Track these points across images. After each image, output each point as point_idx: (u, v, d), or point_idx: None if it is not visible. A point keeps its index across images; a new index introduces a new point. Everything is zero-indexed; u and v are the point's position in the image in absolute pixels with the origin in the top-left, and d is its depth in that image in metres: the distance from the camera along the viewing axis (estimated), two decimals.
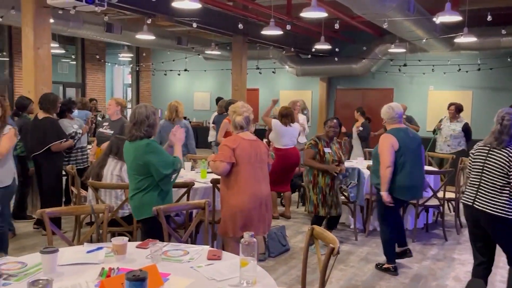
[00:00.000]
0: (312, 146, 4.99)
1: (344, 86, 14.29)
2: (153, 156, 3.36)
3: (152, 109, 3.48)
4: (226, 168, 3.75)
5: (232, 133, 4.03)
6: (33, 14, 6.31)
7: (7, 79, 12.53)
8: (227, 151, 3.76)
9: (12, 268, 2.28)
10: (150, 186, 3.43)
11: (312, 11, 6.40)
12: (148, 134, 3.42)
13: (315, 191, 4.95)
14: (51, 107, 5.37)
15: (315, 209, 4.97)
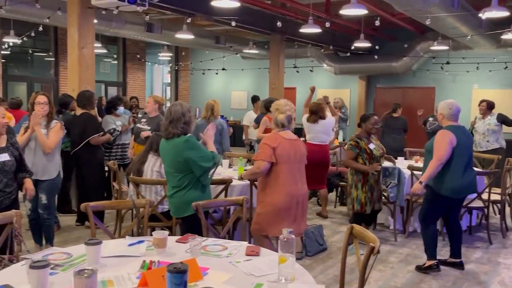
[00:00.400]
0: (352, 147, 4.92)
1: (383, 84, 14.04)
2: (193, 151, 3.41)
3: (187, 106, 3.54)
4: (267, 167, 3.73)
5: (271, 130, 4.03)
6: (78, 15, 6.52)
7: (53, 78, 13.01)
8: (268, 150, 3.73)
9: (59, 259, 2.36)
10: (191, 183, 3.47)
11: (352, 8, 6.32)
12: (184, 131, 3.46)
13: (364, 190, 4.92)
14: (87, 103, 5.53)
15: (362, 207, 4.93)
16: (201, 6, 8.13)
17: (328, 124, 6.34)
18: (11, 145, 3.39)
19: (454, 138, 4.20)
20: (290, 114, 3.86)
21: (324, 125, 6.27)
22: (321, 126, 6.24)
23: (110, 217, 5.80)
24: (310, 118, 6.24)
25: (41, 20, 8.59)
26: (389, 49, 12.55)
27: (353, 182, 5.00)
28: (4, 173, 3.26)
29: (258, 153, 3.81)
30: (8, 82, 12.22)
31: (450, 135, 4.21)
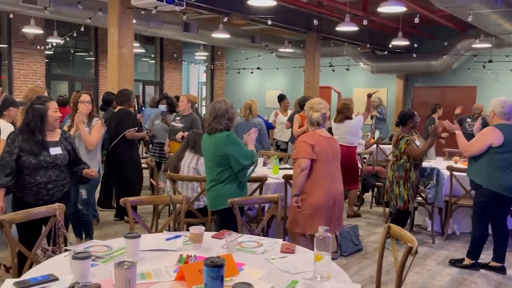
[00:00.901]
0: (411, 141, 4.88)
1: (422, 83, 13.72)
2: (233, 147, 3.49)
3: (230, 103, 3.64)
4: (308, 164, 3.70)
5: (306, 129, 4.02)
6: (118, 15, 6.69)
7: (93, 77, 13.39)
8: (307, 148, 3.71)
9: (99, 251, 2.43)
10: (229, 177, 3.55)
11: (390, 6, 6.22)
12: (227, 127, 3.56)
13: (406, 186, 4.89)
14: (125, 101, 5.69)
15: (404, 204, 4.89)
16: (237, 5, 8.18)
17: (354, 125, 6.16)
18: (65, 139, 3.47)
19: (500, 137, 4.09)
20: (325, 112, 3.85)
21: (350, 126, 6.13)
22: (346, 126, 6.13)
23: (147, 213, 5.92)
24: (336, 117, 6.21)
25: (83, 21, 8.86)
26: (428, 47, 12.25)
27: (394, 179, 4.95)
28: (56, 167, 3.34)
29: (297, 151, 3.77)
30: (51, 81, 12.65)
31: (494, 135, 4.12)
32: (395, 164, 4.99)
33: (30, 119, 3.28)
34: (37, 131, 3.27)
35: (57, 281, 2.01)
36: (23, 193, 3.31)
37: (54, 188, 3.35)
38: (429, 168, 5.53)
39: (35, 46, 11.65)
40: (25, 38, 11.45)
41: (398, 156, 4.97)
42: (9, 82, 11.44)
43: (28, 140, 3.27)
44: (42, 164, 3.26)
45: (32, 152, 3.25)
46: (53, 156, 3.32)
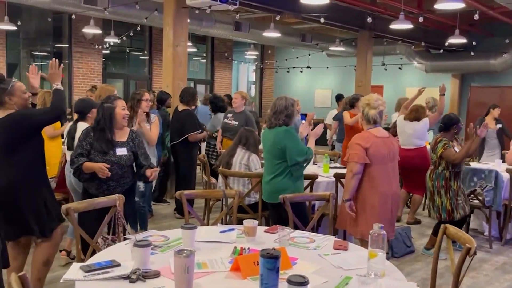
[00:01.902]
0: (449, 145, 4.55)
1: (479, 83, 13.18)
2: (290, 141, 3.61)
3: (291, 101, 3.74)
4: (360, 169, 3.56)
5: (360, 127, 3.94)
6: (173, 15, 6.88)
7: (147, 76, 13.81)
8: (361, 151, 3.55)
9: (157, 240, 2.53)
10: (285, 170, 3.66)
11: (448, 2, 6.03)
12: (285, 123, 3.70)
13: (448, 196, 4.53)
14: (191, 100, 5.83)
15: (449, 215, 4.54)
16: (289, 4, 8.19)
17: (421, 128, 5.94)
18: (132, 140, 3.54)
19: None
20: (382, 109, 3.67)
21: (416, 129, 5.92)
22: (413, 129, 5.91)
23: (198, 209, 6.05)
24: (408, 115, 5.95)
25: (139, 21, 9.16)
26: (487, 45, 11.76)
27: (435, 188, 4.59)
28: (120, 166, 3.43)
29: (350, 155, 3.60)
30: (107, 79, 13.16)
31: None
32: (434, 173, 4.62)
33: (100, 118, 3.42)
34: (107, 129, 3.40)
35: (119, 267, 2.10)
36: (88, 185, 3.49)
37: (115, 185, 3.46)
38: (487, 170, 5.32)
39: (93, 45, 12.16)
40: (84, 38, 11.97)
41: (436, 163, 4.61)
42: (68, 80, 12.01)
43: (99, 139, 3.40)
44: (107, 163, 3.34)
45: (102, 151, 3.38)
46: (118, 157, 3.41)
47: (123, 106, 3.51)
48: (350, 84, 12.64)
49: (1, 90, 3.09)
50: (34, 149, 3.18)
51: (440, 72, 13.00)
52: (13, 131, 3.06)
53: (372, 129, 3.67)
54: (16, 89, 3.13)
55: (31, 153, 3.15)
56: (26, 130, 3.10)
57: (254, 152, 4.64)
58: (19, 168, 3.09)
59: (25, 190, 3.10)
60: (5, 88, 3.09)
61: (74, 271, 2.07)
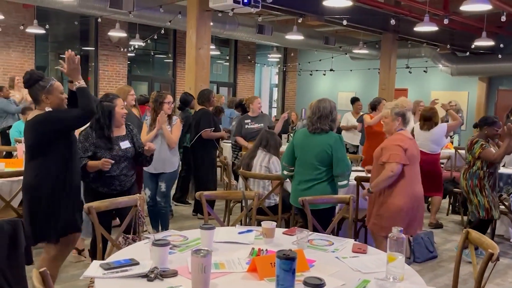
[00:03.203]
0: (486, 145, 4.59)
1: (508, 86, 12.87)
2: (340, 151, 3.64)
3: (334, 104, 3.74)
4: (400, 170, 3.56)
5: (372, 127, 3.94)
6: (197, 18, 6.95)
7: (170, 78, 13.97)
8: (402, 152, 3.55)
9: (176, 240, 2.55)
10: (329, 178, 3.68)
11: (474, 4, 5.91)
12: (330, 128, 3.69)
13: (485, 193, 4.59)
14: (205, 100, 5.92)
15: (487, 213, 4.58)
16: (312, 6, 8.17)
17: (438, 132, 5.81)
18: (129, 132, 3.70)
19: None
20: (409, 114, 3.76)
21: (434, 133, 5.79)
22: (430, 134, 5.79)
23: (218, 210, 6.09)
24: (424, 124, 5.83)
25: (163, 24, 9.28)
26: None
27: (469, 188, 4.67)
28: (127, 160, 3.59)
29: (391, 155, 3.55)
30: (132, 82, 13.37)
31: None
32: (467, 173, 4.69)
33: (100, 116, 3.50)
34: (105, 127, 3.51)
35: (137, 265, 2.13)
36: (98, 184, 3.56)
37: (125, 179, 3.60)
38: None
39: (119, 48, 12.37)
40: (110, 41, 12.20)
41: (471, 163, 4.66)
42: (94, 83, 12.25)
43: (100, 137, 3.51)
44: (115, 158, 3.50)
45: (107, 147, 3.49)
46: (124, 150, 3.57)
47: (122, 105, 3.62)
48: (374, 87, 12.50)
49: (40, 88, 3.03)
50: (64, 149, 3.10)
51: (466, 75, 12.75)
52: (43, 132, 3.03)
53: (403, 131, 3.70)
54: (55, 89, 3.08)
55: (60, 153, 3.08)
56: (56, 132, 3.05)
57: (275, 154, 4.64)
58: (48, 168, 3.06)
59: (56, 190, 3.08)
60: (44, 86, 3.05)
61: (94, 268, 2.11)
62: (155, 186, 4.82)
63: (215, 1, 6.14)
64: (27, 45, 11.08)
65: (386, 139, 3.72)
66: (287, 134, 9.06)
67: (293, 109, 15.80)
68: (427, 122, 5.82)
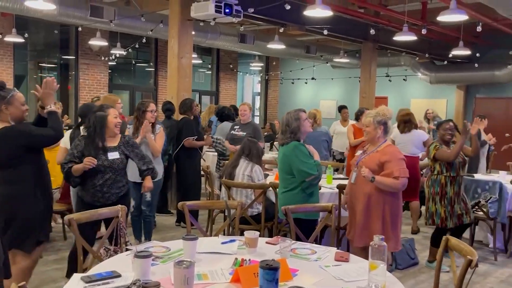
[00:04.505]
0: (440, 146, 4.57)
1: (484, 94, 13.16)
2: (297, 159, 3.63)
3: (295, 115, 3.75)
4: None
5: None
6: (178, 27, 6.95)
7: (152, 87, 13.91)
8: (405, 165, 3.59)
9: (159, 251, 2.54)
10: (298, 187, 3.68)
11: (451, 14, 6.04)
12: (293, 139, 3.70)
13: (443, 203, 4.54)
14: (187, 109, 5.93)
15: (442, 222, 4.55)
16: (293, 16, 8.24)
17: (419, 135, 6.00)
18: (123, 144, 3.64)
19: None
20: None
21: (414, 135, 5.97)
22: (412, 136, 5.96)
23: (201, 220, 6.06)
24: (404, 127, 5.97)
25: (144, 33, 9.26)
26: (491, 57, 11.76)
27: (430, 195, 4.62)
28: (113, 170, 3.54)
29: (401, 170, 3.51)
30: (113, 91, 13.26)
31: None
32: (430, 179, 4.65)
33: (91, 125, 3.50)
34: (96, 137, 3.48)
35: (119, 278, 2.11)
36: (83, 193, 3.56)
37: (109, 192, 3.54)
38: (491, 181, 5.29)
39: (99, 57, 12.28)
40: (90, 50, 12.10)
41: (431, 167, 4.65)
42: (75, 91, 12.12)
43: (89, 145, 3.48)
44: (100, 168, 3.46)
45: (92, 155, 3.44)
46: (110, 161, 3.51)
47: (115, 114, 3.61)
48: (355, 95, 12.64)
49: (0, 98, 3.01)
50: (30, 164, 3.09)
51: (444, 83, 12.99)
52: (6, 146, 3.00)
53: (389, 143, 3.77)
54: (16, 100, 3.05)
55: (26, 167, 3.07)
56: (20, 147, 3.02)
57: (257, 163, 4.65)
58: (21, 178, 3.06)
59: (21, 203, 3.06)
60: (4, 96, 3.01)
61: (75, 282, 2.09)
62: (140, 196, 4.79)
63: (197, 10, 6.15)
64: (5, 53, 10.92)
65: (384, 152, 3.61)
66: (269, 143, 9.10)
67: (276, 118, 15.87)
68: (407, 124, 5.97)
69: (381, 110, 3.73)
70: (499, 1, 6.15)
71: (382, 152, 3.60)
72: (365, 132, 3.76)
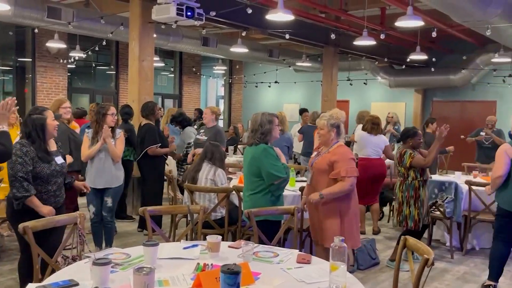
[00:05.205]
0: (414, 153, 4.73)
1: (441, 98, 13.62)
2: (266, 161, 3.60)
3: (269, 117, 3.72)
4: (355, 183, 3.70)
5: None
6: (139, 29, 6.85)
7: (113, 90, 13.64)
8: (355, 165, 3.71)
9: (118, 258, 2.48)
10: (265, 189, 3.65)
11: (408, 20, 6.22)
12: (262, 140, 3.68)
13: (417, 206, 4.69)
14: (150, 113, 5.81)
15: (415, 224, 4.69)
16: (255, 20, 8.28)
17: (383, 140, 6.27)
18: (60, 148, 3.57)
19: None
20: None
21: (381, 139, 6.24)
22: (378, 138, 6.19)
23: (164, 225, 5.98)
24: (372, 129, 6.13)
25: (104, 35, 9.07)
26: (446, 61, 12.19)
27: (405, 199, 4.74)
28: (62, 175, 3.44)
29: (349, 170, 3.61)
30: (73, 94, 12.93)
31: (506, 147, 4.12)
32: (403, 185, 4.78)
33: (31, 130, 3.27)
34: (39, 141, 3.27)
35: (77, 286, 2.06)
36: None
37: (60, 195, 3.45)
38: (447, 182, 5.48)
39: (58, 60, 11.93)
40: (48, 52, 11.74)
41: (404, 174, 4.78)
42: (32, 95, 11.72)
43: (38, 150, 3.27)
44: (54, 173, 3.32)
45: (46, 161, 3.29)
46: (60, 165, 3.40)
47: (52, 117, 3.43)
48: (317, 98, 12.81)
49: None
50: None
51: (403, 87, 13.37)
52: None
53: (342, 143, 3.83)
54: None
55: None
56: None
57: (220, 167, 4.63)
58: None
59: None
60: None
61: None
62: (100, 202, 4.69)
63: (158, 13, 6.07)
64: None
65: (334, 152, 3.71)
66: (233, 146, 9.09)
67: (240, 121, 15.88)
68: (375, 126, 6.14)
69: (335, 113, 3.88)
70: (452, 8, 6.37)
71: (333, 152, 3.72)
72: (319, 135, 3.86)
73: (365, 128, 6.21)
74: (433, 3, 6.15)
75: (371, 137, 6.15)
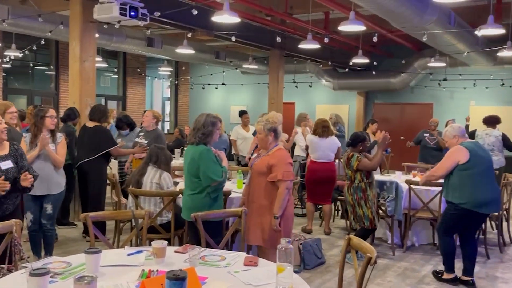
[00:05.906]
0: (361, 156, 4.98)
1: (382, 100, 14.14)
2: (204, 162, 3.59)
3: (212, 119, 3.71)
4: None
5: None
6: (80, 29, 6.61)
7: (53, 92, 13.09)
8: (291, 169, 3.80)
9: (58, 267, 2.38)
10: (204, 190, 3.64)
11: (350, 25, 6.40)
12: (202, 141, 3.66)
13: (368, 205, 4.95)
14: (102, 117, 5.56)
15: (371, 223, 4.95)
16: (201, 21, 8.23)
17: (335, 141, 6.42)
18: (14, 152, 3.39)
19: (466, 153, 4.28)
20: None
21: (332, 141, 6.37)
22: (329, 143, 6.32)
23: (108, 231, 5.79)
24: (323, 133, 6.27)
25: (43, 34, 8.68)
26: (387, 65, 12.68)
27: (355, 201, 4.97)
28: (8, 181, 3.25)
29: (285, 173, 3.69)
30: (9, 95, 12.27)
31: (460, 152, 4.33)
32: (351, 188, 5.02)
33: None
34: None
35: None
36: None
37: (7, 202, 3.28)
38: (388, 181, 5.68)
39: None
40: None
41: (351, 177, 5.01)
42: None
43: None
44: None
45: None
46: (4, 171, 3.23)
47: (1, 120, 3.33)
48: (264, 100, 12.92)
49: None
50: None
51: (346, 89, 13.76)
52: None
53: (281, 147, 3.90)
54: None
55: None
56: None
57: (166, 170, 4.56)
58: None
59: None
60: None
61: None
62: (39, 209, 4.46)
63: (100, 12, 5.87)
64: None
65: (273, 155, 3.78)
66: (180, 149, 8.97)
67: (186, 123, 15.71)
68: (325, 129, 6.31)
69: (271, 118, 3.97)
70: (391, 14, 6.62)
71: (272, 155, 3.79)
72: (258, 139, 3.94)
73: (316, 133, 6.35)
74: (374, 9, 6.37)
75: (322, 141, 6.30)
